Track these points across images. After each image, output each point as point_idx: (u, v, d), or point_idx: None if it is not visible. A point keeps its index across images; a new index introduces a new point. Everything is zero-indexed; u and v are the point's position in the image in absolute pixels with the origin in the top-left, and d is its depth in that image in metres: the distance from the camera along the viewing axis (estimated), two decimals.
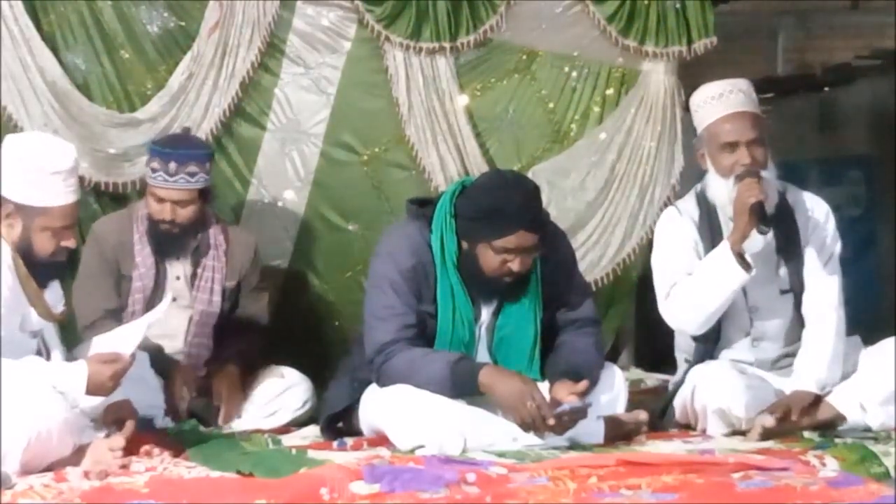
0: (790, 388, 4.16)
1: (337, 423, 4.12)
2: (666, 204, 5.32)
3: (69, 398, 3.43)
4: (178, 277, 4.58)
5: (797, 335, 4.28)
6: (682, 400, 4.24)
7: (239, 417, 4.47)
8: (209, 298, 4.59)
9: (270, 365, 4.64)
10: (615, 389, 4.06)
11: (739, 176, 4.13)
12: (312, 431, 4.23)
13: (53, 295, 3.72)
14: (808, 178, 6.86)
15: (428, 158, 5.26)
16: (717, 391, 4.10)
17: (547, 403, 3.74)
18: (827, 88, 8.13)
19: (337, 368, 4.31)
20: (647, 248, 5.38)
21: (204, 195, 4.59)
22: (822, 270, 4.25)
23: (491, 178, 4.11)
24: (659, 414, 4.30)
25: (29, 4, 5.00)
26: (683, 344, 4.41)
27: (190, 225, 4.55)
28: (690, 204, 4.34)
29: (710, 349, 4.28)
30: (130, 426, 3.57)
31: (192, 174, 4.49)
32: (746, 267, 4.09)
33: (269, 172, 5.24)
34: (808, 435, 3.99)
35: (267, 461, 3.42)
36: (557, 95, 5.40)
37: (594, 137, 5.40)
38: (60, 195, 3.59)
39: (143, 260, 4.54)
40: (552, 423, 3.71)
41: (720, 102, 4.20)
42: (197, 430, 4.13)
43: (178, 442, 3.78)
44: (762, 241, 4.16)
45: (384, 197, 5.28)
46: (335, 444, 3.92)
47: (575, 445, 3.79)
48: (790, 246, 4.25)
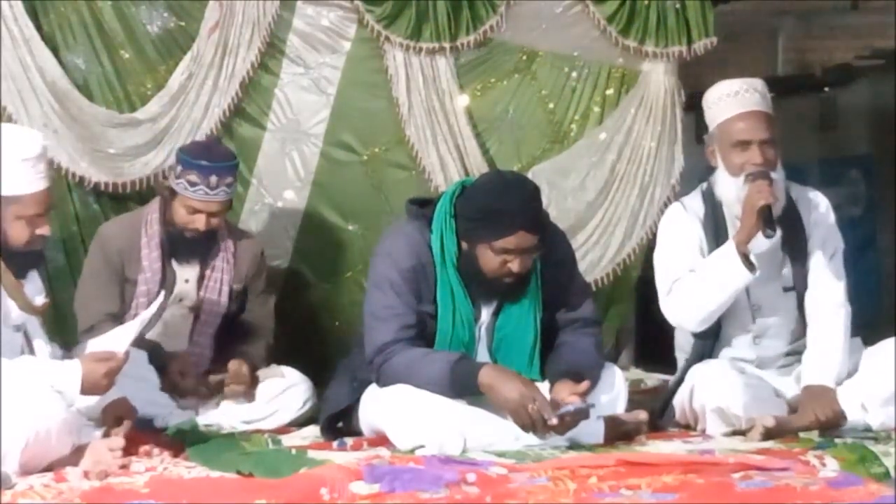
0: (803, 382, 4.14)
1: (337, 423, 4.12)
2: (666, 204, 5.32)
3: (65, 397, 3.42)
4: (186, 280, 4.57)
5: (799, 333, 4.28)
6: (680, 400, 4.24)
7: (245, 399, 4.47)
8: (217, 300, 4.59)
9: (271, 365, 4.64)
10: (615, 389, 4.06)
11: (750, 176, 4.11)
12: (312, 431, 4.23)
13: (33, 287, 3.69)
14: (808, 178, 6.85)
15: (428, 158, 5.26)
16: (715, 390, 4.10)
17: (548, 405, 3.73)
18: (827, 88, 8.14)
19: (337, 368, 4.31)
20: (647, 248, 5.39)
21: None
22: (826, 268, 4.25)
23: (491, 178, 4.11)
24: (658, 413, 4.30)
25: (29, 4, 5.01)
26: (683, 343, 4.40)
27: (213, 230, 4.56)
28: (696, 201, 4.34)
29: (709, 346, 4.28)
30: (127, 425, 3.56)
31: (229, 185, 4.50)
32: (751, 267, 4.08)
33: (269, 172, 5.24)
34: (807, 435, 3.99)
35: (267, 461, 3.42)
36: (557, 95, 5.40)
37: (594, 137, 5.40)
38: (31, 182, 3.56)
39: (149, 264, 4.53)
40: (554, 422, 3.70)
41: (735, 100, 4.19)
42: (197, 430, 4.13)
43: (178, 442, 3.78)
44: (768, 242, 4.15)
45: (384, 197, 5.28)
46: (335, 444, 3.92)
47: (575, 445, 3.79)
48: (795, 244, 4.25)
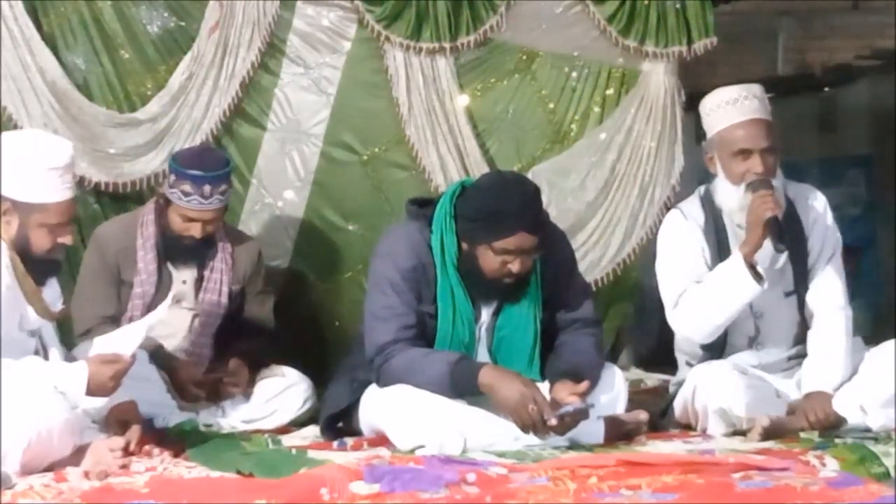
0: (803, 390, 4.13)
1: (337, 423, 4.12)
2: (666, 204, 5.33)
3: (69, 399, 3.42)
4: (184, 281, 4.57)
5: (801, 337, 4.27)
6: (682, 400, 4.23)
7: (243, 396, 4.47)
8: (217, 300, 4.59)
9: (271, 364, 4.64)
10: (615, 389, 4.05)
11: (752, 185, 4.08)
12: (312, 431, 4.23)
13: (51, 293, 3.71)
14: (808, 178, 6.84)
15: (428, 158, 5.26)
16: (717, 391, 4.09)
17: (548, 405, 3.73)
18: (827, 88, 8.14)
19: (337, 368, 4.31)
20: (647, 248, 5.39)
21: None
22: (826, 269, 4.24)
23: (491, 179, 4.11)
24: (659, 414, 4.30)
25: (29, 4, 5.01)
26: (684, 344, 4.39)
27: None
28: (695, 208, 4.30)
29: (715, 356, 4.25)
30: (136, 431, 3.56)
31: (223, 192, 4.49)
32: (759, 279, 4.06)
33: (269, 172, 5.24)
34: (807, 435, 3.99)
35: (267, 461, 3.42)
36: (557, 95, 5.40)
37: (594, 137, 5.40)
38: (57, 191, 3.57)
39: (145, 266, 4.52)
40: (554, 423, 3.70)
41: (734, 108, 4.15)
42: (197, 430, 4.13)
43: (178, 442, 3.78)
44: (774, 254, 4.13)
45: (384, 197, 5.29)
46: (335, 444, 3.91)
47: (575, 445, 3.79)
48: (795, 247, 4.21)
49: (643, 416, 4.07)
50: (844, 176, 7.81)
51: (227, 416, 4.45)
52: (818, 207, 4.31)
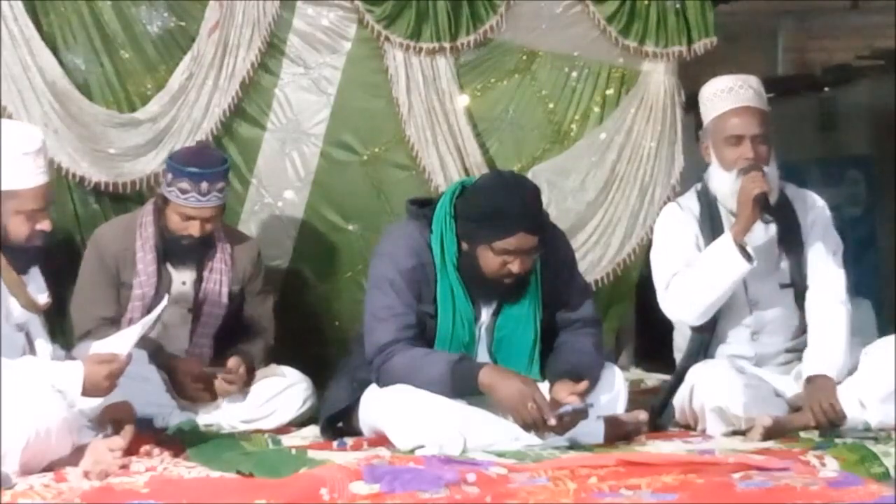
0: (805, 374, 4.14)
1: (337, 423, 4.12)
2: (666, 204, 5.33)
3: (66, 398, 3.41)
4: (183, 282, 4.57)
5: (798, 331, 4.29)
6: (680, 400, 4.24)
7: (240, 395, 4.47)
8: (216, 301, 4.59)
9: (270, 364, 4.64)
10: (615, 389, 4.06)
11: (743, 169, 4.15)
12: (312, 431, 4.23)
13: (35, 285, 3.68)
14: (808, 178, 6.86)
15: (428, 158, 5.26)
16: (715, 390, 4.10)
17: (547, 404, 3.73)
18: (827, 88, 8.14)
19: (337, 368, 4.31)
20: (647, 248, 5.38)
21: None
22: (826, 266, 4.26)
23: (491, 179, 4.11)
24: (657, 411, 4.30)
25: (29, 4, 5.01)
26: (682, 343, 4.40)
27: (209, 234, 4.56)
28: (691, 200, 4.37)
29: (706, 341, 4.28)
30: (130, 430, 3.54)
31: (220, 190, 4.49)
32: (748, 258, 4.10)
33: (269, 172, 5.24)
34: (807, 435, 3.99)
35: (267, 461, 3.42)
36: (557, 95, 5.40)
37: (594, 137, 5.40)
38: (31, 177, 3.54)
39: (144, 268, 4.52)
40: (553, 423, 3.70)
41: (729, 96, 4.23)
42: (197, 430, 4.13)
43: (178, 442, 3.78)
44: (764, 233, 4.17)
45: (384, 197, 5.28)
46: (335, 444, 3.92)
47: (575, 445, 3.79)
48: (791, 239, 4.27)
49: (643, 416, 4.08)
50: (844, 176, 7.80)
51: (226, 415, 4.45)
52: (817, 210, 4.37)
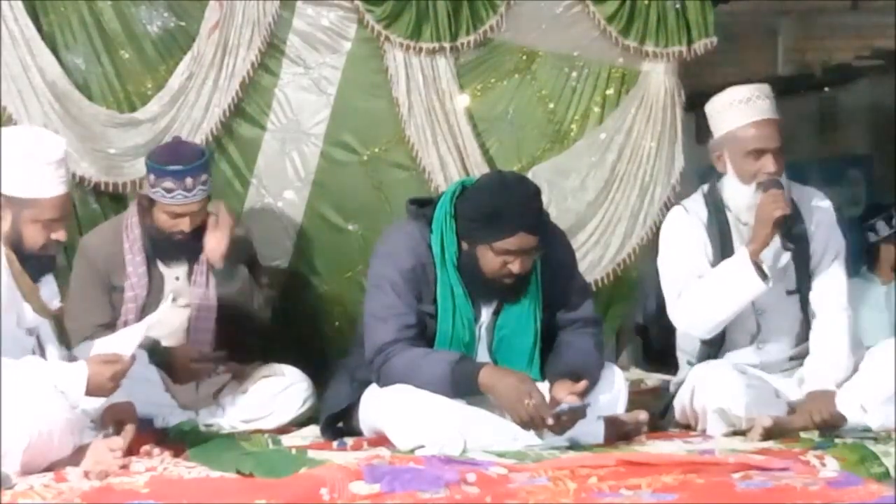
0: (806, 388, 4.14)
1: (337, 423, 4.12)
2: (666, 204, 5.33)
3: (69, 398, 3.42)
4: (176, 278, 4.57)
5: (803, 337, 4.28)
6: (681, 400, 4.23)
7: (239, 391, 4.48)
8: (205, 293, 4.58)
9: (271, 363, 4.63)
10: (615, 389, 4.06)
11: (763, 185, 4.10)
12: (312, 431, 4.23)
13: (48, 290, 3.69)
14: (808, 178, 6.85)
15: (428, 158, 5.26)
16: (717, 391, 4.10)
17: (546, 403, 3.73)
18: (827, 88, 8.14)
19: (337, 368, 4.31)
20: (647, 248, 5.39)
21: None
22: (829, 270, 4.25)
23: (491, 179, 4.11)
24: (659, 414, 4.30)
25: (29, 4, 5.00)
26: (685, 344, 4.40)
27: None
28: (698, 204, 4.32)
29: (714, 352, 4.26)
30: (131, 430, 3.55)
31: (204, 182, 4.49)
32: (764, 277, 4.07)
33: (269, 172, 5.24)
34: (807, 435, 3.99)
35: (267, 461, 3.42)
36: (557, 95, 5.40)
37: (594, 137, 5.40)
38: (50, 186, 3.55)
39: (134, 269, 4.51)
40: (551, 422, 3.71)
41: (748, 107, 4.17)
42: (197, 430, 4.13)
43: (178, 442, 3.78)
44: (781, 254, 4.14)
45: (384, 197, 5.28)
46: (335, 444, 3.92)
47: (575, 445, 3.79)
48: (798, 246, 4.22)
49: (643, 416, 4.08)
50: (844, 176, 7.80)
51: (226, 415, 4.45)
52: (823, 210, 4.33)
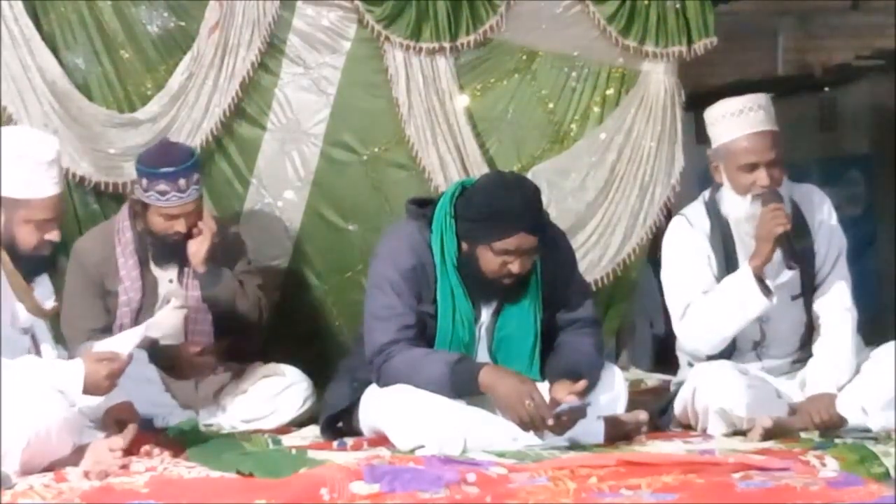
0: (807, 391, 4.13)
1: (337, 423, 4.12)
2: (666, 204, 5.33)
3: (67, 396, 3.41)
4: (170, 280, 4.56)
5: (806, 340, 4.26)
6: (682, 400, 4.23)
7: (239, 392, 4.48)
8: (197, 294, 4.57)
9: (270, 363, 4.63)
10: (615, 389, 4.05)
11: (761, 198, 4.07)
12: (312, 431, 4.23)
13: (42, 290, 3.68)
14: (808, 178, 6.84)
15: (428, 158, 5.26)
16: (718, 391, 4.09)
17: (546, 403, 3.73)
18: (827, 88, 8.13)
19: (337, 368, 4.31)
20: (647, 248, 5.40)
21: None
22: (832, 271, 4.23)
23: (491, 179, 4.10)
24: (659, 413, 4.29)
25: (29, 4, 5.01)
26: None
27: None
28: (700, 215, 4.28)
29: (716, 355, 4.24)
30: (132, 430, 3.55)
31: (197, 182, 4.49)
32: (767, 293, 4.05)
33: (269, 172, 5.24)
34: (807, 435, 3.99)
35: (267, 461, 3.42)
36: (557, 95, 5.40)
37: (594, 137, 5.40)
38: (43, 186, 3.54)
39: (127, 273, 4.50)
40: (551, 422, 3.71)
41: (740, 119, 4.13)
42: (197, 430, 4.13)
43: (178, 442, 3.78)
44: (781, 268, 4.11)
45: (384, 197, 5.28)
46: (335, 444, 3.92)
47: (575, 445, 3.79)
48: (802, 251, 4.18)
49: (643, 416, 4.07)
50: (844, 176, 7.79)
51: (226, 415, 4.45)
52: (823, 209, 4.31)
